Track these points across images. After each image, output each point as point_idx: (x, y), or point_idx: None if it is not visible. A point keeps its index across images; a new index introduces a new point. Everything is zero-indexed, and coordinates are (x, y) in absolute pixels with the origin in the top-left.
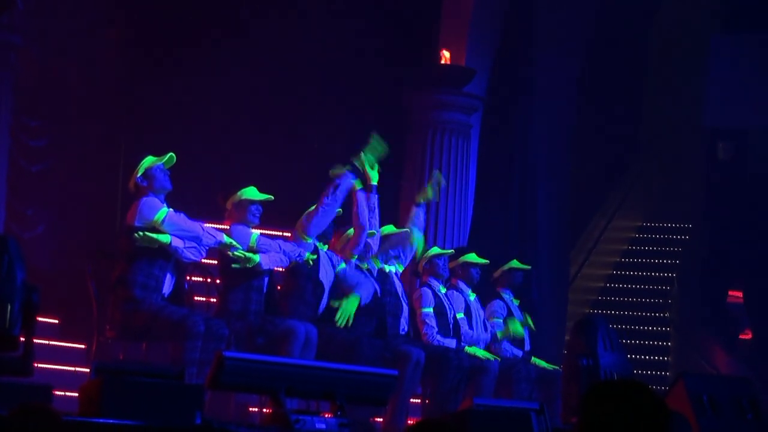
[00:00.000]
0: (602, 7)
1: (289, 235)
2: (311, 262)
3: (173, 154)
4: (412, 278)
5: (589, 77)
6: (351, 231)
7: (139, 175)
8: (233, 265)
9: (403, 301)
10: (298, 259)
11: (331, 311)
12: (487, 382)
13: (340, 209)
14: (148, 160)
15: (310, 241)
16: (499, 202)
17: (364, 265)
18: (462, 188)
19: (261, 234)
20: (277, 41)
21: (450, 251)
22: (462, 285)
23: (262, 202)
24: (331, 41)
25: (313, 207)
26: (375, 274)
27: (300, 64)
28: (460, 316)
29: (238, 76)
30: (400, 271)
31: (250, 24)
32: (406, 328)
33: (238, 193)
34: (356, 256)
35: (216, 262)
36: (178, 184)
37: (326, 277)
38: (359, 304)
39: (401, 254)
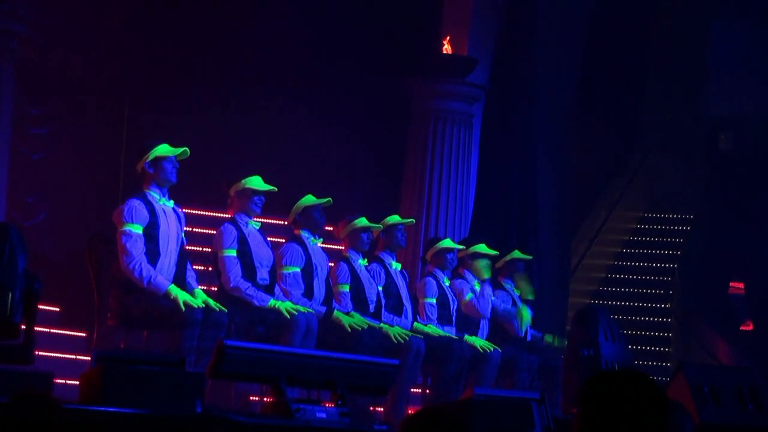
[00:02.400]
0: None
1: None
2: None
3: (187, 149)
4: (415, 265)
5: (590, 66)
6: (359, 220)
7: (148, 160)
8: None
9: (404, 301)
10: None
11: (329, 301)
12: (488, 372)
13: (330, 198)
14: (161, 149)
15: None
16: (500, 191)
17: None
18: (464, 178)
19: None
20: (279, 29)
21: (460, 246)
22: (468, 275)
23: (265, 193)
24: (333, 30)
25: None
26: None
27: (302, 52)
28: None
29: (239, 63)
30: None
31: (251, 11)
32: (408, 327)
33: (243, 181)
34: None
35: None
36: (182, 172)
37: (321, 269)
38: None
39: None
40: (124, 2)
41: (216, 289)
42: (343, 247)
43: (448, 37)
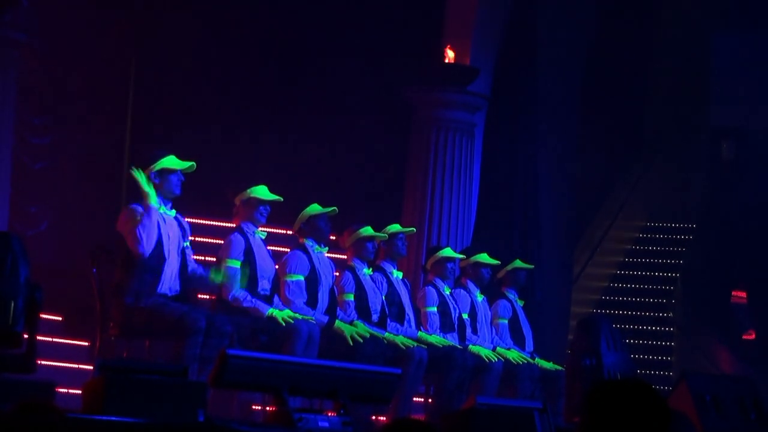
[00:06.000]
0: (605, 6)
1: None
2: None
3: (194, 163)
4: (417, 274)
5: (592, 76)
6: (364, 229)
7: (154, 170)
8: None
9: (407, 310)
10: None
11: (333, 310)
12: (490, 381)
13: (336, 208)
14: (169, 161)
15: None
16: (502, 201)
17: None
18: (465, 187)
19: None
20: (282, 38)
21: (461, 255)
22: (471, 285)
23: (270, 203)
24: (335, 39)
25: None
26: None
27: (305, 61)
28: (465, 316)
29: (242, 71)
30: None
31: (253, 20)
32: (414, 335)
33: (248, 190)
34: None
35: (215, 260)
36: (186, 182)
37: (326, 277)
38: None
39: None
40: (127, 12)
41: (215, 297)
42: (347, 256)
43: (450, 47)
